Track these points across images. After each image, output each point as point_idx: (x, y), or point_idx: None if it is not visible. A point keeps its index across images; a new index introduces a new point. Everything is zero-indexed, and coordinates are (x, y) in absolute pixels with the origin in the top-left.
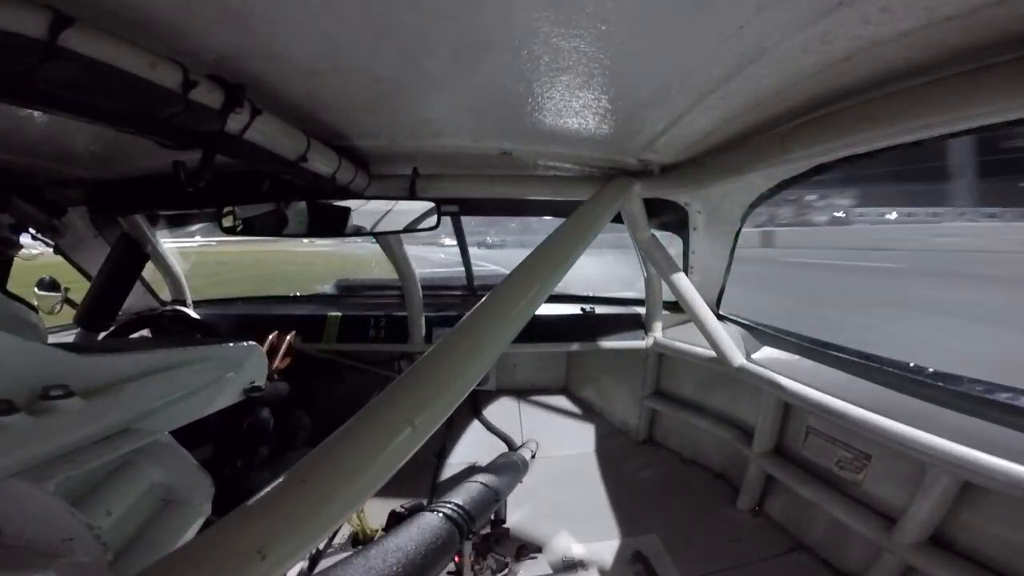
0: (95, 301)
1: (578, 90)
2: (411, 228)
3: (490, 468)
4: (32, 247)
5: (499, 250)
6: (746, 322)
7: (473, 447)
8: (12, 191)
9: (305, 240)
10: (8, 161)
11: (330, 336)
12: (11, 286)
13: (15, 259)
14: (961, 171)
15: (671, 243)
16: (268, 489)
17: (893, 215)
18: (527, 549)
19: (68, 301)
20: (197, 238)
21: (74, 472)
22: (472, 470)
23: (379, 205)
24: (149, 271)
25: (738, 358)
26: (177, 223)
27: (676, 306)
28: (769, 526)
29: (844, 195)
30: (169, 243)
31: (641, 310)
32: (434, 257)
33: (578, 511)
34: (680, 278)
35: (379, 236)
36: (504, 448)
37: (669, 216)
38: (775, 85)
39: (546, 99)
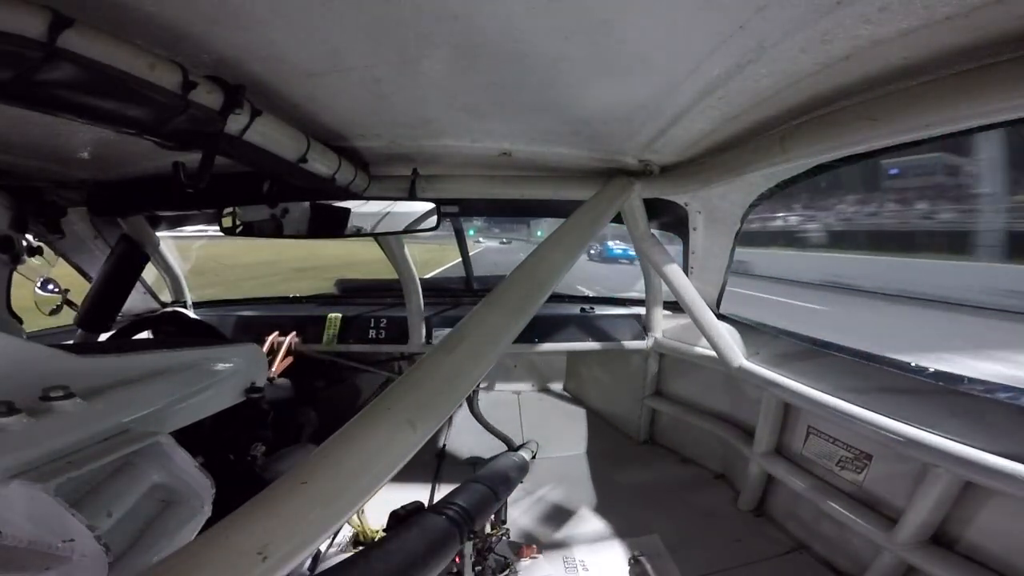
0: (95, 302)
1: (578, 90)
2: (411, 229)
3: (490, 469)
4: None
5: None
6: (746, 322)
7: (473, 447)
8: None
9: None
10: (8, 162)
11: (330, 337)
12: None
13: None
14: None
15: (671, 243)
16: (268, 490)
17: None
18: (527, 549)
19: (68, 302)
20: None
21: (74, 473)
22: (472, 471)
23: (379, 206)
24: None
25: (738, 358)
26: (177, 224)
27: (676, 306)
28: (770, 526)
29: None
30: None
31: (641, 310)
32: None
33: (579, 511)
34: (680, 278)
35: (379, 237)
36: (504, 448)
37: (669, 216)
38: (775, 85)
39: (546, 99)
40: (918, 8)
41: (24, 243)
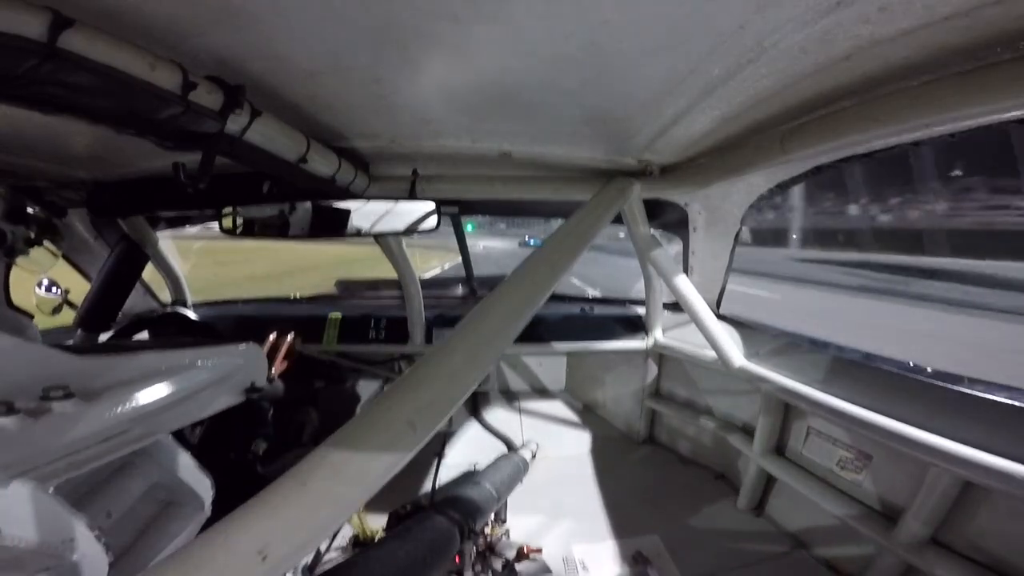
0: (95, 303)
1: (578, 90)
2: (411, 229)
3: (490, 469)
4: None
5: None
6: (746, 322)
7: (473, 448)
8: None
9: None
10: (8, 163)
11: (330, 337)
12: None
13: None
14: None
15: (671, 243)
16: (268, 490)
17: None
18: (527, 549)
19: (68, 303)
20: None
21: (74, 473)
22: (472, 471)
23: (379, 206)
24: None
25: (738, 358)
26: (178, 224)
27: (676, 306)
28: (769, 526)
29: None
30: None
31: (641, 310)
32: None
33: (578, 511)
34: (680, 278)
35: (379, 237)
36: (504, 449)
37: (669, 216)
38: (775, 85)
39: (546, 99)
40: (918, 8)
41: (18, 236)
